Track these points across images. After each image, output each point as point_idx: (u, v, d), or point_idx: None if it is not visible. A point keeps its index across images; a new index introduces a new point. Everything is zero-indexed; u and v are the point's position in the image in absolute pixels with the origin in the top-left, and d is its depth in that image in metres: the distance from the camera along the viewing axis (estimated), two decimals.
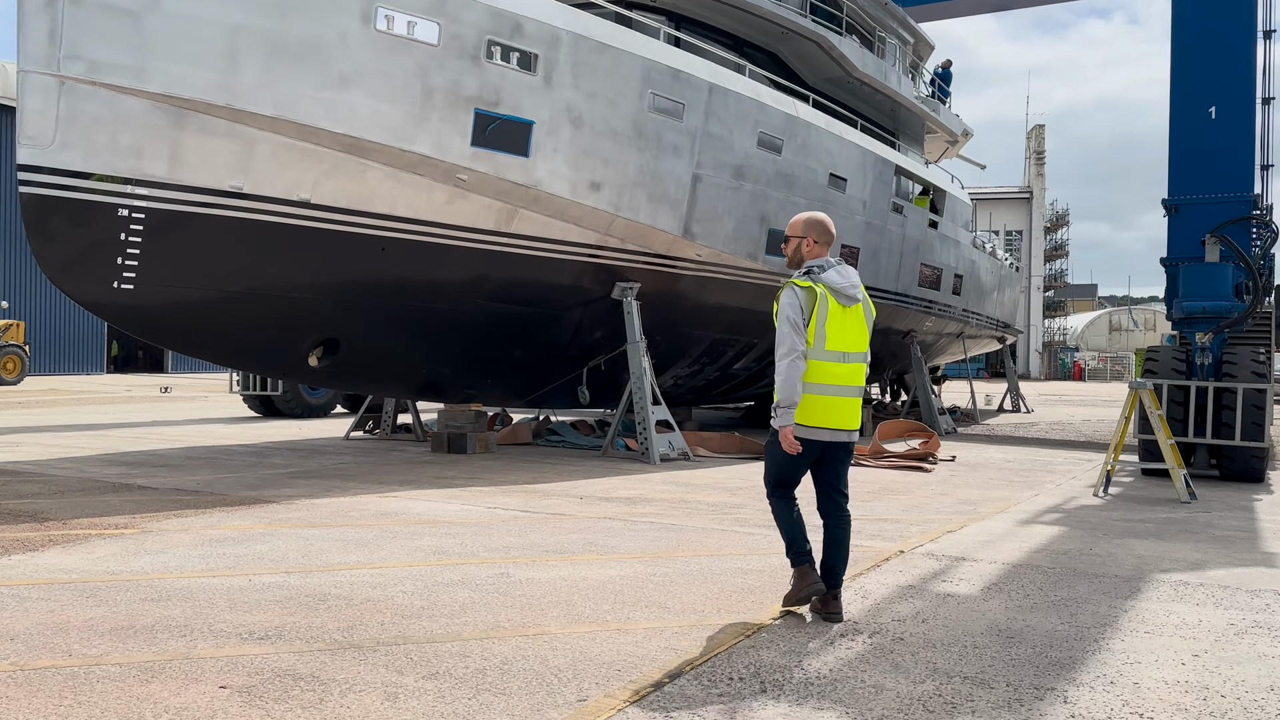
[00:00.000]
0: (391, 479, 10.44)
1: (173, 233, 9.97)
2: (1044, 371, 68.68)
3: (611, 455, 13.70)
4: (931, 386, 20.74)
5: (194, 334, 10.70)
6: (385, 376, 12.98)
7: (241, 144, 10.11)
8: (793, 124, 15.36)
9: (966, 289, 23.83)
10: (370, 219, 11.14)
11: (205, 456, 12.43)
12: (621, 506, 8.78)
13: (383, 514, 8.05)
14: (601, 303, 13.86)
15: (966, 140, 25.31)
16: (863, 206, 17.64)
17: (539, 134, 11.85)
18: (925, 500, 9.92)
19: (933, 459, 13.95)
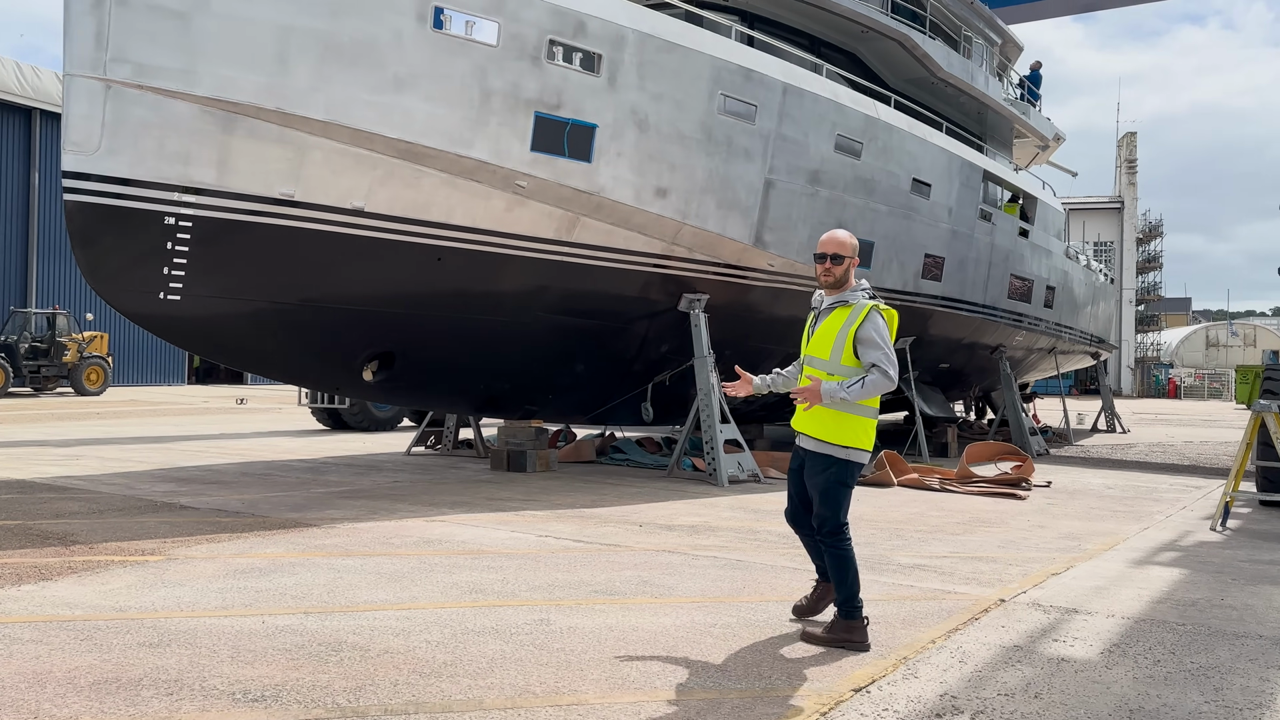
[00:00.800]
0: (444, 500, 9.89)
1: (221, 242, 9.59)
2: (1137, 389, 65.95)
3: (677, 476, 12.99)
4: (1021, 405, 19.59)
5: (243, 348, 10.31)
6: (442, 392, 12.48)
7: (292, 149, 9.70)
8: (873, 126, 14.52)
9: (1059, 302, 22.58)
10: (426, 228, 10.64)
11: (260, 473, 12.06)
12: (684, 536, 8.07)
13: (426, 541, 7.47)
14: (667, 315, 13.19)
15: (1058, 145, 24.06)
16: (948, 213, 16.68)
17: (602, 138, 11.25)
18: (1022, 534, 9.01)
19: (1026, 485, 12.95)
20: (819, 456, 4.99)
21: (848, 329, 4.94)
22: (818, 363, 5.01)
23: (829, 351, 4.97)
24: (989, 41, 20.93)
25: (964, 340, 19.16)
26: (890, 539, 8.42)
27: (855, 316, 4.95)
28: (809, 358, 5.09)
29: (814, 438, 5.00)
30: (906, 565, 7.09)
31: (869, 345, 4.91)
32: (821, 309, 5.13)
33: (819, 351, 5.02)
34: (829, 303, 5.10)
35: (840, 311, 5.01)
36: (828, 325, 5.02)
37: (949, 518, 9.96)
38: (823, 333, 5.03)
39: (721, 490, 11.66)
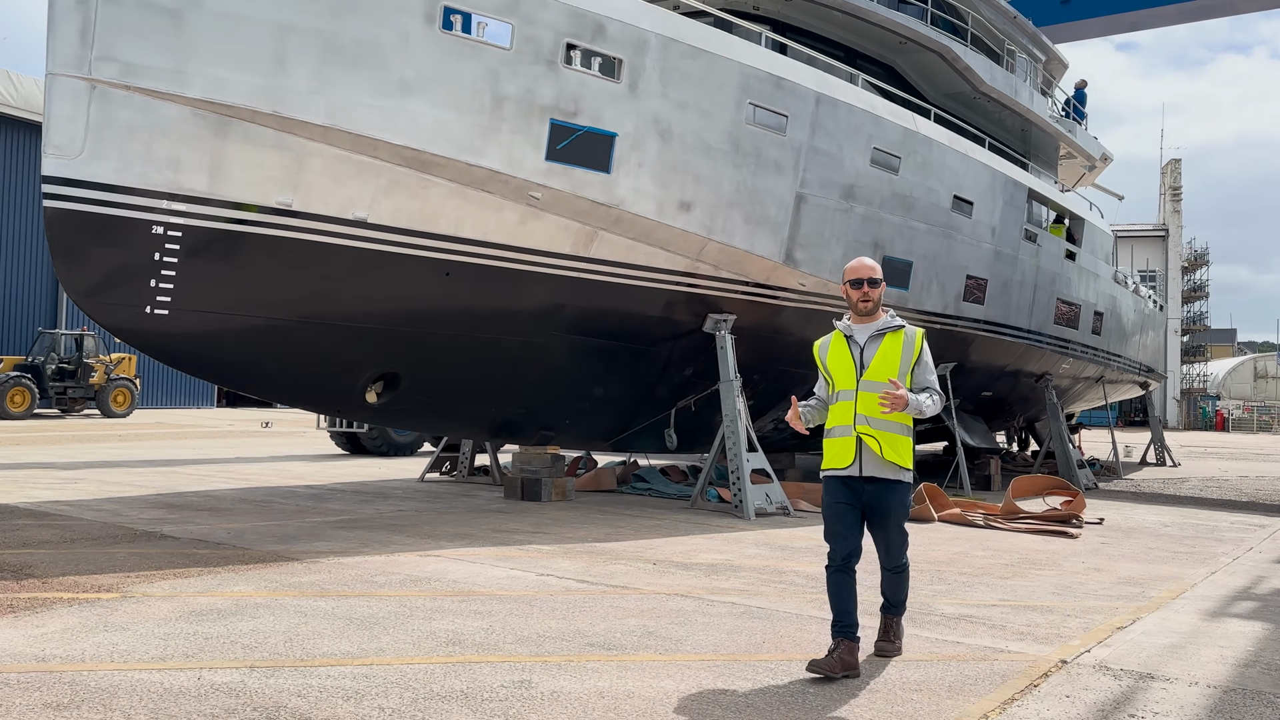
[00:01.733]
0: (445, 532, 9.18)
1: (213, 254, 9.00)
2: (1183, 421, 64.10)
3: (701, 507, 12.21)
4: (1069, 436, 18.60)
5: (237, 366, 9.70)
6: (452, 416, 11.80)
7: (290, 156, 9.11)
8: (911, 140, 13.75)
9: (1107, 328, 21.57)
10: (434, 240, 10.01)
11: (260, 499, 11.44)
12: (701, 577, 7.29)
13: (413, 580, 6.75)
14: (692, 336, 12.45)
15: (1105, 165, 23.12)
16: (991, 233, 15.84)
17: (622, 147, 10.59)
18: (1078, 577, 8.13)
19: (1077, 522, 12.02)
20: (895, 484, 4.98)
21: (910, 352, 5.01)
22: (880, 387, 4.93)
23: (896, 374, 4.97)
24: (1032, 58, 20.11)
25: (1008, 367, 18.24)
26: (932, 582, 7.60)
27: (913, 340, 5.05)
28: (869, 383, 4.97)
29: (892, 464, 4.94)
30: (951, 616, 6.27)
31: (927, 369, 5.08)
32: (863, 337, 5.08)
33: (883, 375, 4.98)
34: (875, 330, 5.08)
35: (893, 337, 5.04)
36: (886, 351, 5.01)
37: (995, 558, 9.11)
38: (884, 357, 5.00)
39: (747, 524, 10.86)
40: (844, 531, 4.93)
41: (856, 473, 4.93)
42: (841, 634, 4.84)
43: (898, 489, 4.98)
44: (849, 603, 4.90)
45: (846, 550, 4.93)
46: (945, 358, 16.06)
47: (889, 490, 4.94)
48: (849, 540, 4.94)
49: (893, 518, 5.00)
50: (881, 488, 4.94)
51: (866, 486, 4.94)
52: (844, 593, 4.91)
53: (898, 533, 5.04)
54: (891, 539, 5.04)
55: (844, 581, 4.92)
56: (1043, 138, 19.97)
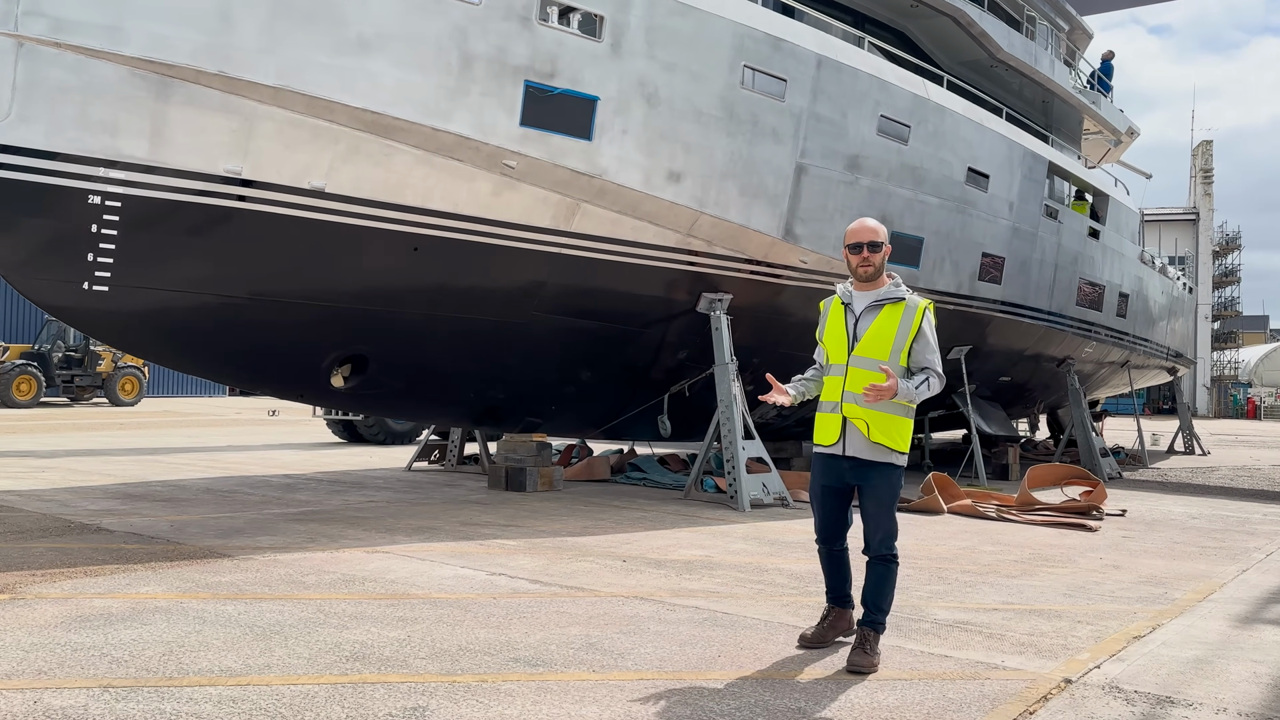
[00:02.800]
0: (407, 525, 8.52)
1: (156, 225, 8.36)
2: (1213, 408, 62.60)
3: (695, 499, 11.50)
4: (1091, 424, 17.73)
5: (186, 349, 9.07)
6: (428, 401, 11.14)
7: (239, 119, 8.45)
8: (922, 107, 12.93)
9: (1133, 310, 20.63)
10: (399, 212, 9.33)
11: (227, 489, 10.83)
12: (671, 576, 6.59)
13: (347, 580, 6.09)
14: (686, 317, 11.72)
15: (1131, 140, 22.11)
16: (1009, 209, 14.98)
17: (604, 112, 9.85)
18: (1094, 576, 7.37)
19: (1097, 513, 11.22)
20: (883, 467, 4.64)
21: (908, 328, 4.58)
22: (873, 364, 4.54)
23: (887, 351, 4.57)
24: (1055, 26, 19.19)
25: (1027, 351, 17.37)
26: (929, 582, 6.86)
27: (913, 314, 4.60)
28: (859, 359, 4.60)
29: (879, 444, 4.59)
30: (944, 623, 5.54)
31: (928, 347, 4.61)
32: (860, 306, 4.67)
33: (875, 352, 4.59)
34: (874, 299, 4.67)
35: (892, 309, 4.62)
36: (883, 323, 4.60)
37: (1005, 553, 8.35)
38: (877, 331, 4.60)
39: (741, 516, 10.15)
40: (825, 512, 4.78)
41: (840, 452, 4.68)
42: (834, 603, 4.86)
43: (884, 469, 4.65)
44: (839, 577, 4.85)
45: (828, 531, 4.81)
46: (960, 340, 15.25)
47: (874, 469, 4.64)
48: (830, 521, 4.79)
49: (876, 496, 4.67)
50: (866, 466, 4.65)
51: (851, 465, 4.68)
52: (834, 567, 4.85)
53: (883, 514, 4.68)
54: (875, 520, 4.69)
55: (833, 556, 4.86)
56: (1065, 110, 19.04)
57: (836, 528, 4.82)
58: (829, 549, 4.86)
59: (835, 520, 4.82)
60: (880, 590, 4.69)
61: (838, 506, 4.80)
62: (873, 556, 4.73)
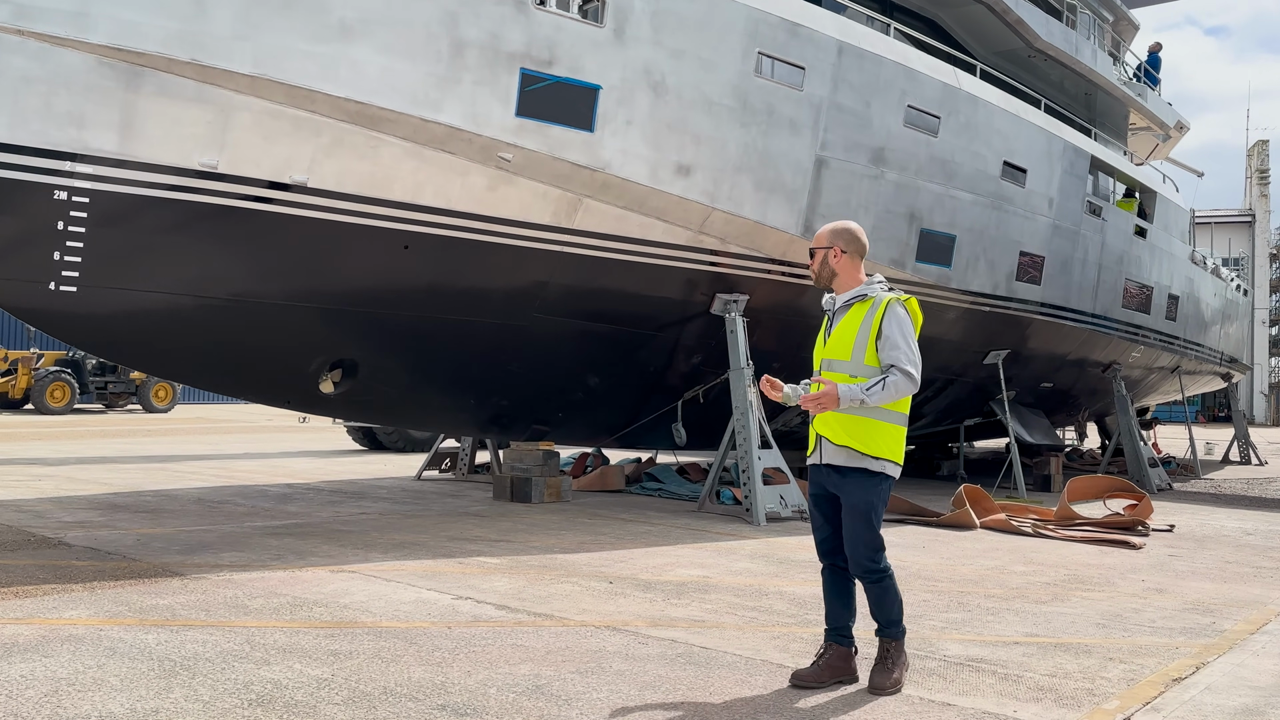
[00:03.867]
0: (389, 541, 8.00)
1: (127, 222, 7.93)
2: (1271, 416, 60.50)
3: (709, 511, 10.87)
4: (1140, 432, 16.81)
5: (163, 353, 8.62)
6: (426, 408, 10.63)
7: (214, 110, 8.00)
8: (953, 97, 12.22)
9: (1183, 313, 19.63)
10: (388, 208, 8.83)
11: (218, 500, 10.41)
12: (656, 601, 5.98)
13: (296, 604, 5.56)
14: (700, 319, 11.12)
15: (1181, 135, 21.10)
16: (1048, 205, 14.19)
17: (607, 102, 9.29)
18: (1133, 602, 6.64)
19: (1143, 529, 10.42)
20: (856, 474, 4.39)
21: (869, 325, 4.39)
22: (837, 365, 4.43)
23: (849, 351, 4.40)
24: (1098, 17, 18.30)
25: (1070, 356, 16.51)
26: (948, 609, 6.18)
27: (875, 311, 4.40)
28: (827, 361, 4.49)
29: (846, 448, 4.38)
30: (954, 660, 4.88)
31: (888, 342, 4.35)
32: (835, 309, 4.56)
33: (838, 352, 4.45)
34: (844, 300, 4.52)
35: (858, 307, 4.46)
36: (846, 323, 4.46)
37: (1036, 574, 7.63)
38: (841, 332, 4.46)
39: (754, 531, 9.51)
40: (818, 523, 4.62)
41: (818, 461, 4.54)
42: (833, 638, 4.52)
43: (857, 477, 4.38)
44: (837, 604, 4.54)
45: (823, 545, 4.61)
46: (997, 344, 14.48)
47: (848, 477, 4.40)
48: (824, 534, 4.59)
49: (849, 504, 4.40)
50: (842, 475, 4.42)
51: (829, 473, 4.49)
52: (833, 592, 4.56)
53: (860, 527, 4.38)
54: (849, 530, 4.42)
55: (832, 579, 4.58)
56: (1109, 104, 18.14)
57: (831, 540, 4.57)
58: (830, 564, 4.60)
59: (830, 531, 4.57)
60: (882, 606, 4.46)
61: (829, 515, 4.56)
62: (858, 576, 4.47)
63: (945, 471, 16.84)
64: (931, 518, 10.65)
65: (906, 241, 11.97)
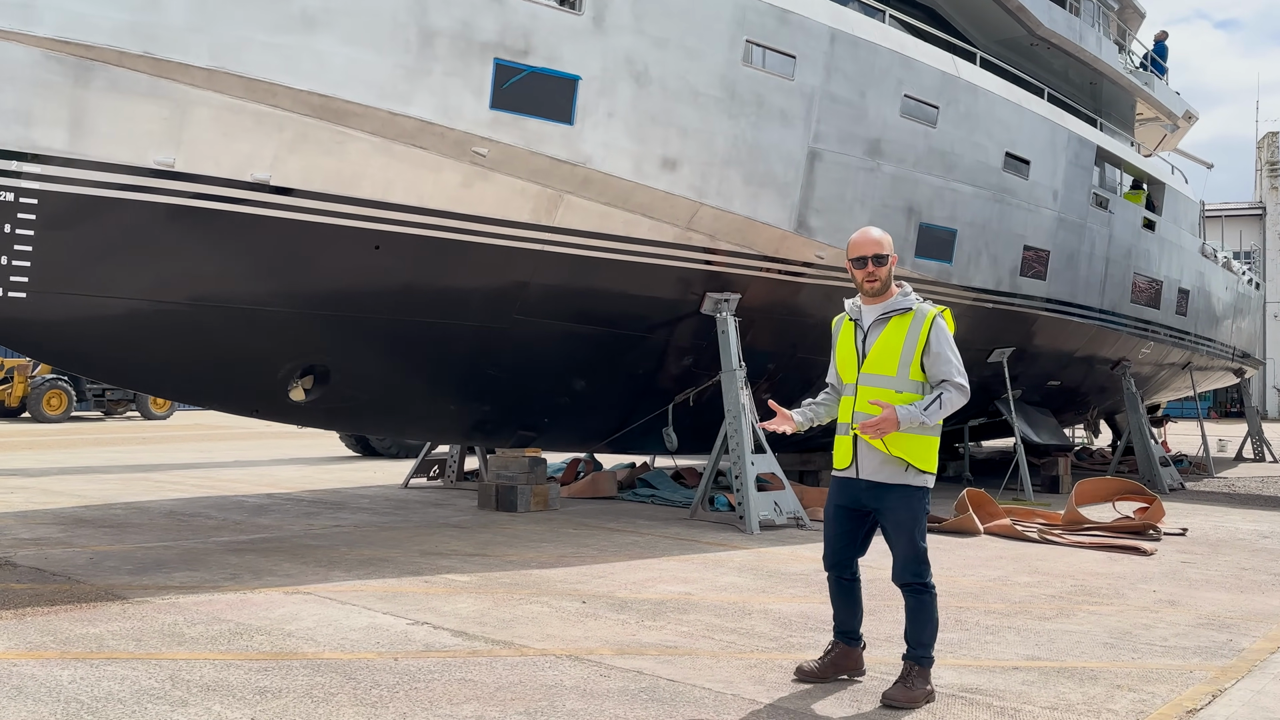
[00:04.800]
0: (356, 557, 7.60)
1: (78, 224, 7.55)
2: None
3: (702, 518, 10.46)
4: (1150, 430, 16.33)
5: (116, 359, 8.23)
6: (404, 415, 10.22)
7: (170, 106, 7.61)
8: (951, 86, 11.77)
9: (1194, 308, 19.14)
10: (356, 206, 8.43)
11: (190, 512, 10.03)
12: (628, 623, 5.56)
13: (236, 631, 5.16)
14: (691, 320, 10.69)
15: (1189, 126, 20.61)
16: (1053, 197, 13.73)
17: (587, 94, 8.88)
18: (1143, 616, 6.20)
19: (1154, 532, 9.98)
20: (904, 489, 4.31)
21: (915, 340, 4.30)
22: (882, 381, 4.32)
23: (895, 367, 4.32)
24: (1103, 4, 17.80)
25: (1077, 353, 16.03)
26: (944, 627, 5.70)
27: (920, 325, 4.32)
28: (867, 377, 4.36)
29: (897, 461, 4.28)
30: (947, 689, 4.46)
31: (939, 358, 4.30)
32: (868, 321, 4.43)
33: (882, 368, 4.34)
34: (880, 312, 4.41)
35: (899, 321, 4.35)
36: (888, 337, 4.35)
37: (1042, 586, 7.20)
38: (883, 346, 4.35)
39: (746, 540, 9.09)
40: (835, 535, 4.49)
41: (854, 475, 4.39)
42: (841, 639, 4.54)
43: (901, 491, 4.31)
44: (846, 611, 4.51)
45: (836, 557, 4.50)
46: (1001, 342, 14.03)
47: (891, 491, 4.31)
48: (839, 546, 4.48)
49: (895, 519, 4.32)
50: (881, 489, 4.33)
51: (867, 488, 4.37)
52: (841, 600, 4.52)
53: (903, 538, 4.32)
54: (896, 545, 4.37)
55: (841, 587, 4.52)
56: (1116, 93, 17.66)
57: (845, 552, 4.49)
58: (837, 576, 4.53)
59: (845, 544, 4.49)
60: (918, 624, 4.38)
61: (850, 530, 4.48)
62: (900, 586, 4.42)
63: (951, 473, 16.38)
64: (933, 523, 10.22)
65: (905, 236, 11.51)
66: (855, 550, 4.53)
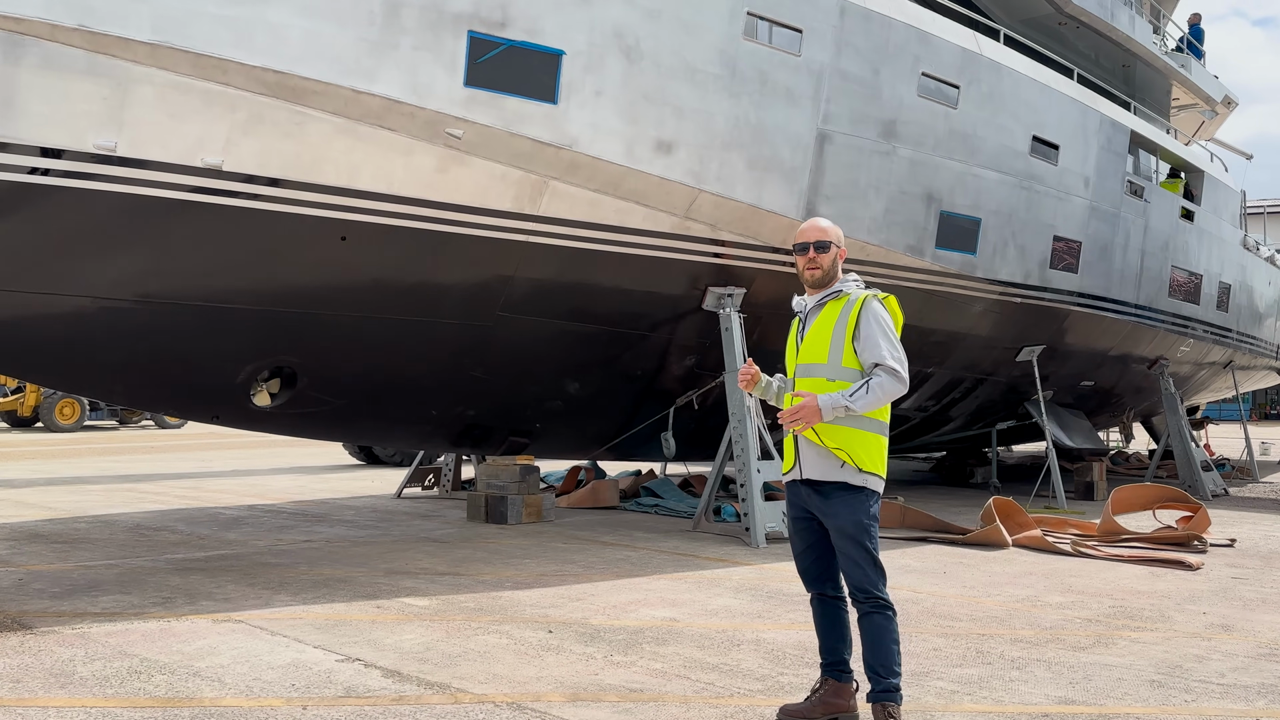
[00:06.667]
0: (313, 576, 6.90)
1: (10, 215, 6.92)
2: None
3: (706, 530, 9.70)
4: (1190, 433, 15.37)
5: (60, 362, 7.59)
6: (382, 421, 9.54)
7: (110, 84, 6.96)
8: (973, 64, 10.95)
9: (1236, 303, 18.13)
10: (319, 194, 7.74)
11: (157, 526, 9.39)
12: (595, 659, 4.82)
13: (135, 670, 4.47)
14: (692, 317, 9.95)
15: (1229, 112, 19.59)
16: (1084, 184, 12.85)
17: (572, 70, 8.17)
18: (1194, 646, 5.38)
19: (1199, 544, 9.11)
20: (835, 490, 3.94)
21: (845, 323, 4.01)
22: (815, 370, 4.03)
23: (826, 354, 4.01)
24: None
25: (1112, 351, 15.11)
26: (963, 661, 4.97)
27: (850, 308, 4.02)
28: (802, 367, 4.09)
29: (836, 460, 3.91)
30: None
31: (868, 341, 3.95)
32: (808, 309, 4.18)
33: (814, 356, 4.05)
34: (817, 299, 4.15)
35: (832, 306, 4.08)
36: (820, 324, 4.07)
37: (1076, 607, 6.39)
38: (815, 334, 4.07)
39: (750, 554, 8.33)
40: (800, 549, 4.16)
41: (798, 476, 4.03)
42: (828, 672, 4.11)
43: (841, 492, 3.92)
44: (833, 636, 4.09)
45: (807, 573, 4.15)
46: (1030, 339, 13.17)
47: (832, 493, 3.92)
48: (808, 560, 4.12)
49: (837, 525, 3.91)
50: (825, 491, 3.94)
51: (810, 491, 4.00)
52: (825, 624, 4.12)
53: (854, 550, 3.90)
54: (842, 555, 3.95)
55: (824, 610, 4.13)
56: (1150, 76, 16.70)
57: (816, 566, 4.11)
58: (818, 595, 4.15)
59: (813, 557, 4.10)
60: (878, 648, 3.90)
61: (814, 541, 4.08)
62: (855, 605, 3.98)
63: (979, 479, 15.52)
64: (957, 535, 9.40)
65: (924, 226, 10.71)
66: (830, 562, 4.08)
